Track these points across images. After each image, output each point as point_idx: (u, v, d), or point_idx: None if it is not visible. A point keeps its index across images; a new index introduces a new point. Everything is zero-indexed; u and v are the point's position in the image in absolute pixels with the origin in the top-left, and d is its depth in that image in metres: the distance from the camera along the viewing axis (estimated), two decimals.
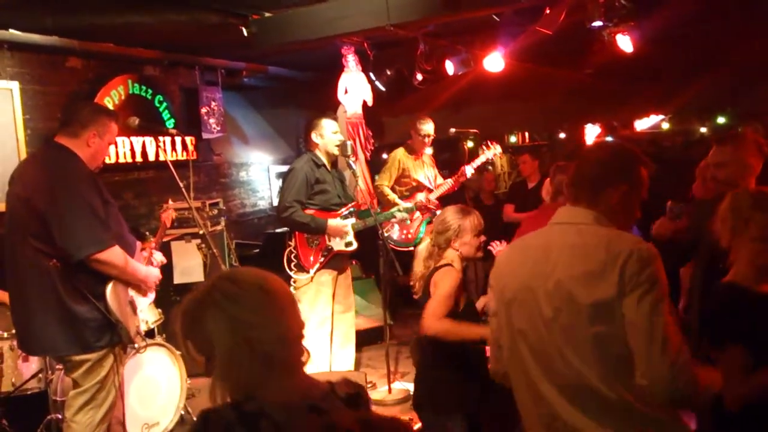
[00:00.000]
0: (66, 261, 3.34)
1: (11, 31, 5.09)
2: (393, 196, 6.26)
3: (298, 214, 5.06)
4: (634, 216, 2.31)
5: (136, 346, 4.26)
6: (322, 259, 5.16)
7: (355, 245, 5.21)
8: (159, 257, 4.10)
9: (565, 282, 2.12)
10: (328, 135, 5.24)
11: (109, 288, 3.43)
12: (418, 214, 6.03)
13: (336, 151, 5.27)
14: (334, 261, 5.21)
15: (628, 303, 2.01)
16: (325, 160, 5.25)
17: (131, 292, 3.64)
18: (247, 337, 1.63)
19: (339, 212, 5.25)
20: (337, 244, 5.19)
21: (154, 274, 3.77)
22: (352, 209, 5.32)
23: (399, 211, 5.54)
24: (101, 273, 3.41)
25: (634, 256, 2.03)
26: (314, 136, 5.26)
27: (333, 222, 5.13)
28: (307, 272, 5.13)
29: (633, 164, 2.27)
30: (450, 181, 6.47)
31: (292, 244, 5.20)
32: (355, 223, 5.24)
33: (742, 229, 2.58)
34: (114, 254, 3.40)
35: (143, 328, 4.32)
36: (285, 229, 5.44)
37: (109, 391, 3.50)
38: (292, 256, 5.17)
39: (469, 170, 6.44)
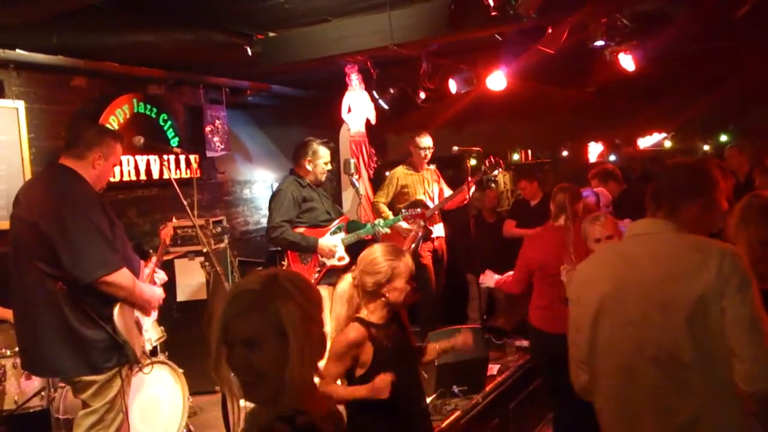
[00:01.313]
0: (73, 284, 3.32)
1: (17, 51, 5.12)
2: (388, 213, 6.27)
3: (288, 233, 5.12)
4: (709, 229, 2.42)
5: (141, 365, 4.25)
6: (316, 275, 5.19)
7: (347, 259, 5.23)
8: (161, 275, 4.10)
9: (657, 285, 2.22)
10: (320, 165, 5.34)
11: (116, 310, 3.43)
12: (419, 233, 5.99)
13: (323, 179, 5.40)
14: (329, 276, 5.21)
15: (728, 301, 2.11)
16: (308, 181, 5.33)
17: (136, 313, 3.64)
18: (308, 330, 1.67)
19: (327, 228, 5.30)
20: (330, 260, 5.24)
21: (158, 293, 3.76)
22: (341, 224, 5.37)
23: (378, 225, 5.38)
24: (108, 295, 3.40)
25: (728, 257, 2.15)
26: (307, 164, 5.32)
27: (323, 241, 5.18)
28: None
29: (712, 181, 2.40)
30: (452, 192, 6.44)
31: (285, 263, 5.26)
32: (344, 237, 5.31)
33: (743, 228, 2.75)
34: (122, 276, 3.40)
35: (147, 347, 4.31)
36: None
37: (118, 411, 3.49)
38: None
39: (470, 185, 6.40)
